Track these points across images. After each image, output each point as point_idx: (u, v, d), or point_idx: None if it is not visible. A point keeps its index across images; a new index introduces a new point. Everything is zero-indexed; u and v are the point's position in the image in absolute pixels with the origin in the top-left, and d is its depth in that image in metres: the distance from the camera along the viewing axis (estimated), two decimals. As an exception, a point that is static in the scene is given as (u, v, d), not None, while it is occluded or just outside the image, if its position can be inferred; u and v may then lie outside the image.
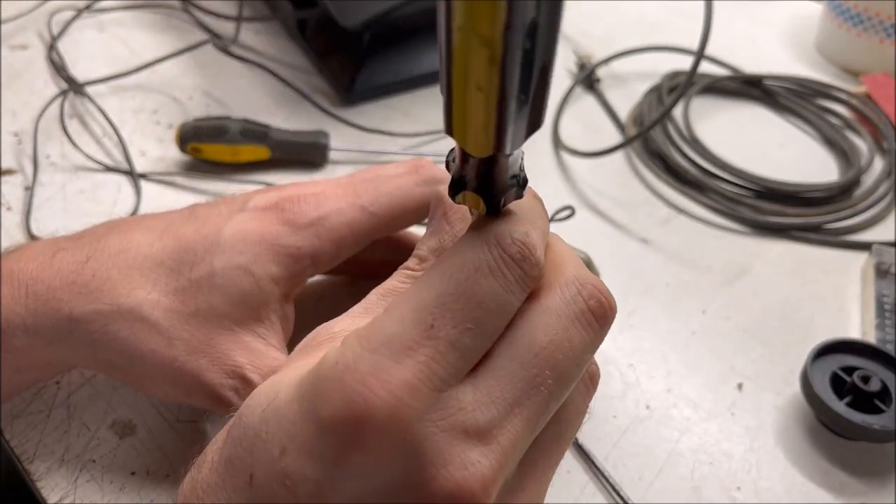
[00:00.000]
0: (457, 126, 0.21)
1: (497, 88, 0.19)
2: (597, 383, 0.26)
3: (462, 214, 0.27)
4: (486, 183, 0.23)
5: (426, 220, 0.38)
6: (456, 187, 0.23)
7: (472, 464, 0.21)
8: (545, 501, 0.25)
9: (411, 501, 0.21)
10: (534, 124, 0.21)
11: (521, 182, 0.24)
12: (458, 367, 0.22)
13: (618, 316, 0.28)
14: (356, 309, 0.26)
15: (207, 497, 0.23)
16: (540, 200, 0.26)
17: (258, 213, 0.34)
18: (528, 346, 0.22)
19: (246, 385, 0.32)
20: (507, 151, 0.21)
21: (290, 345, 0.35)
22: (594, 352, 0.24)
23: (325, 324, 0.26)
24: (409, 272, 0.27)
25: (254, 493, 0.22)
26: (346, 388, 0.21)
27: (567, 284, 0.24)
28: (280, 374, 0.24)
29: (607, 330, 0.24)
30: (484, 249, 0.23)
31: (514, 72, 0.19)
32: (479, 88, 0.19)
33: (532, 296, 0.24)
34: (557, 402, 0.23)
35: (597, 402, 0.41)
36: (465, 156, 0.23)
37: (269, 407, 0.23)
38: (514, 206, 0.24)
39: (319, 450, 0.21)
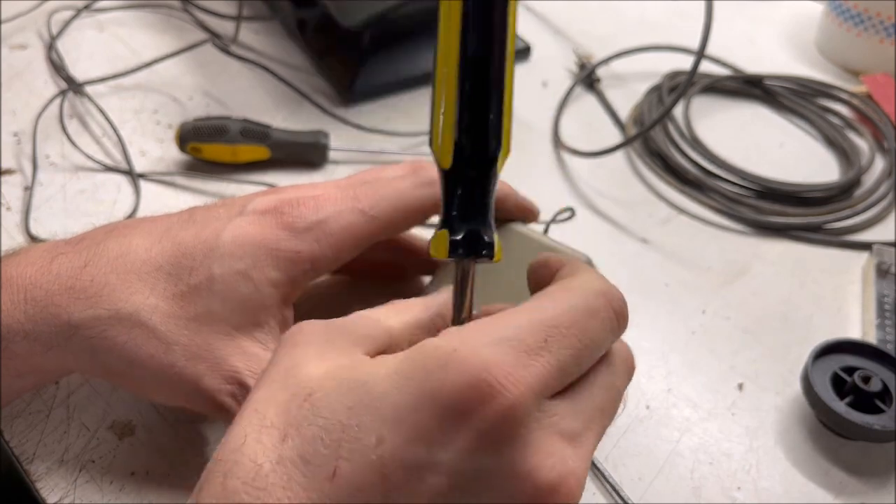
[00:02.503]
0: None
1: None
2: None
3: None
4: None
5: (427, 222, 0.38)
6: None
7: (570, 460, 0.24)
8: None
9: (510, 487, 0.23)
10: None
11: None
12: (559, 383, 0.24)
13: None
14: (387, 308, 0.29)
15: (268, 496, 0.22)
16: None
17: (257, 218, 0.34)
18: (608, 384, 0.27)
19: (244, 390, 0.32)
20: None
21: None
22: None
23: (359, 313, 0.28)
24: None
25: (335, 486, 0.22)
26: (469, 372, 0.23)
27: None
28: (345, 370, 0.24)
29: None
30: (598, 299, 0.26)
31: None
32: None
33: None
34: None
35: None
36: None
37: (358, 402, 0.23)
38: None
39: (426, 431, 0.22)
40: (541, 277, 0.30)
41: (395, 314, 0.29)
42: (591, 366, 0.26)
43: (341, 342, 0.26)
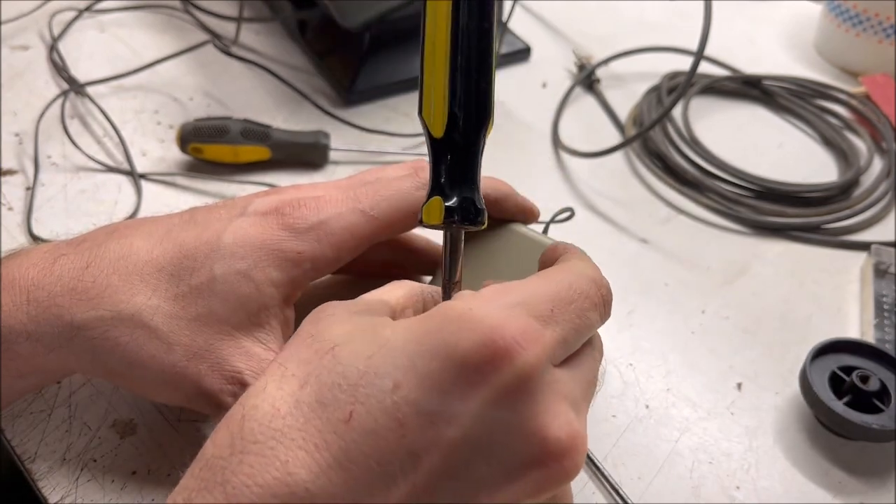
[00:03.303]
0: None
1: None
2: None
3: None
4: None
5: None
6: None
7: (575, 422, 0.25)
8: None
9: (522, 444, 0.23)
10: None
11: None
12: (563, 353, 0.26)
13: (617, 315, 0.30)
14: (384, 287, 0.31)
15: (283, 436, 0.23)
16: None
17: (258, 218, 0.34)
18: (592, 362, 0.28)
19: (245, 390, 0.32)
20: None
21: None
22: None
23: (365, 295, 0.30)
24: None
25: (350, 428, 0.23)
26: (485, 330, 0.24)
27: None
28: (367, 328, 0.26)
29: None
30: (591, 285, 0.28)
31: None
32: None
33: None
34: None
35: (596, 402, 0.41)
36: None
37: (377, 353, 0.24)
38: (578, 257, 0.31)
39: (442, 382, 0.23)
40: (547, 261, 0.32)
41: (393, 288, 0.30)
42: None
43: (361, 309, 0.28)
